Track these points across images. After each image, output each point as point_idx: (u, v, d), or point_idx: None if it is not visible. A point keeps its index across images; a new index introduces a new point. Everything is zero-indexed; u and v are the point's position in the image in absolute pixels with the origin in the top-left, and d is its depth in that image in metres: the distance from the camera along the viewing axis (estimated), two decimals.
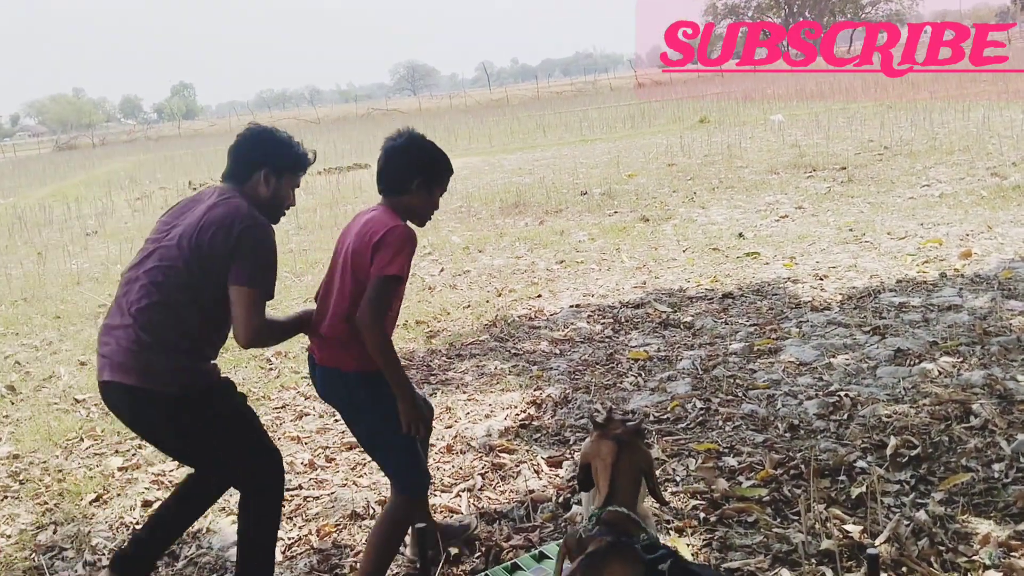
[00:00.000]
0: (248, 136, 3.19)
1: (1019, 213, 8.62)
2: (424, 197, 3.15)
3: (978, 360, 4.94)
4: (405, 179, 3.12)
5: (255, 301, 2.90)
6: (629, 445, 2.33)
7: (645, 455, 2.36)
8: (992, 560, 3.06)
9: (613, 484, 2.26)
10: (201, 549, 3.81)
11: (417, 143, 3.17)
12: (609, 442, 2.34)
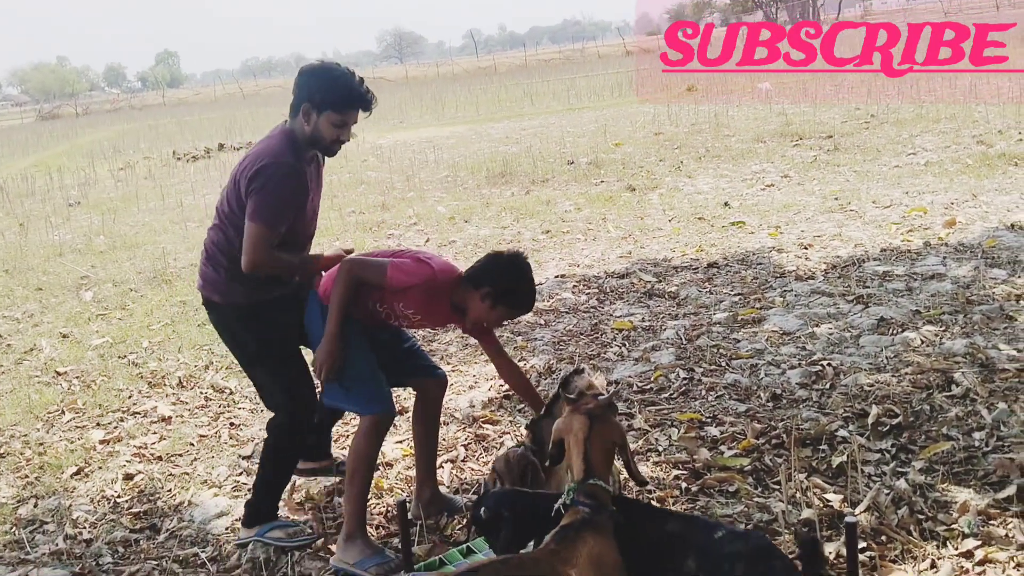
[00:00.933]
0: (301, 71, 3.31)
1: (1004, 181, 8.63)
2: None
3: (960, 329, 4.95)
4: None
5: (257, 235, 3.11)
6: (601, 419, 2.33)
7: (618, 429, 2.36)
8: (971, 529, 3.08)
9: (587, 459, 2.26)
10: (183, 522, 3.80)
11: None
12: (582, 417, 2.34)
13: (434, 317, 3.36)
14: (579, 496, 2.23)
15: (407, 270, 3.16)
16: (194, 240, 10.04)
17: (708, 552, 2.18)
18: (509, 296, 3.21)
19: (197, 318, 6.85)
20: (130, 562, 3.53)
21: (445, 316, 3.35)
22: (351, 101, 3.20)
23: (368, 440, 3.28)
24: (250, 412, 4.97)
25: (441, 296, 3.24)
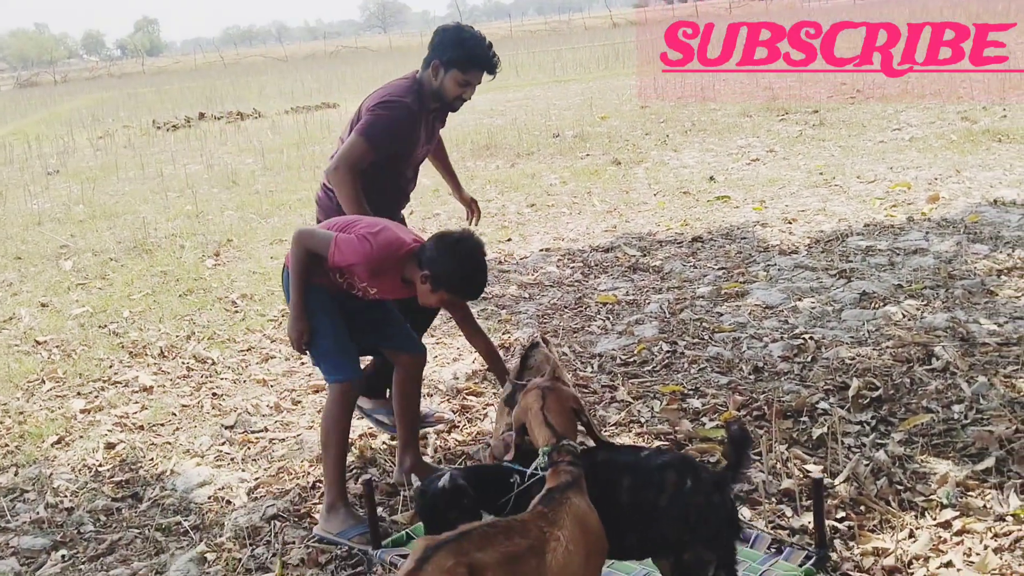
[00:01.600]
0: (436, 30, 3.61)
1: (987, 157, 8.67)
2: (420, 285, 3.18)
3: (942, 303, 4.98)
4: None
5: (352, 144, 3.45)
6: (551, 389, 2.39)
7: (569, 393, 2.42)
8: (949, 499, 3.11)
9: (551, 426, 2.31)
10: (165, 491, 3.80)
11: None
12: (532, 391, 2.39)
13: (388, 291, 3.26)
14: (561, 456, 2.26)
15: (347, 249, 3.08)
16: (175, 210, 9.97)
17: (639, 468, 2.39)
18: (448, 281, 3.10)
19: (178, 288, 6.81)
20: (112, 530, 3.52)
21: (399, 290, 3.25)
22: (476, 63, 3.55)
23: (338, 408, 3.28)
24: (232, 383, 4.95)
25: (388, 272, 3.15)
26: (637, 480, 2.36)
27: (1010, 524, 2.94)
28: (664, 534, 2.34)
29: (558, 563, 1.98)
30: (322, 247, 3.12)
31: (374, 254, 3.09)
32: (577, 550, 2.03)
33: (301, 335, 3.19)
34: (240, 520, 3.47)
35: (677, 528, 2.32)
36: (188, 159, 14.06)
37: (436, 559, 1.83)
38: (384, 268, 3.13)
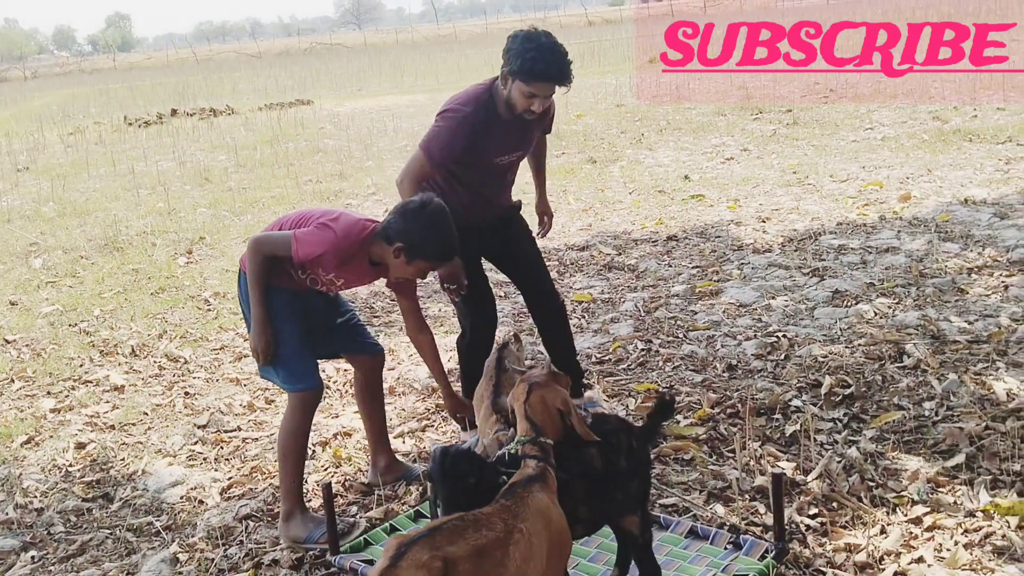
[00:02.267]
0: (511, 35, 3.45)
1: (958, 156, 8.76)
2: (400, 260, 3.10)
3: (913, 301, 5.03)
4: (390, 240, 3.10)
5: (414, 159, 3.50)
6: (541, 385, 2.40)
7: (559, 393, 2.43)
8: (920, 495, 3.14)
9: (530, 419, 2.34)
10: (137, 491, 3.76)
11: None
12: (523, 384, 2.42)
13: (356, 278, 3.24)
14: (529, 450, 2.29)
15: (310, 240, 3.02)
16: (146, 207, 9.87)
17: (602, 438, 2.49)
18: (422, 249, 3.05)
19: (150, 286, 6.74)
20: (83, 531, 3.48)
21: (367, 275, 3.24)
22: (539, 75, 3.37)
23: (296, 417, 3.23)
24: (205, 381, 4.91)
25: (355, 257, 3.09)
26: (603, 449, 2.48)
27: (980, 520, 2.97)
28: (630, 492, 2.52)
29: (521, 554, 2.01)
30: (282, 248, 3.03)
31: (339, 240, 3.03)
32: (540, 543, 2.07)
33: (268, 346, 3.10)
34: (212, 520, 3.44)
35: (641, 482, 2.56)
36: (160, 156, 13.93)
37: (411, 554, 1.84)
38: (351, 252, 3.07)
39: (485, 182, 3.70)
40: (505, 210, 3.89)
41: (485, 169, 3.64)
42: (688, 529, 3.05)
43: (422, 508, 3.32)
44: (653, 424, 2.65)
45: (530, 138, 3.76)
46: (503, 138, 3.59)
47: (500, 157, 3.63)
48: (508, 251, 3.96)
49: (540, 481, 2.20)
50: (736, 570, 2.80)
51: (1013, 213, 6.52)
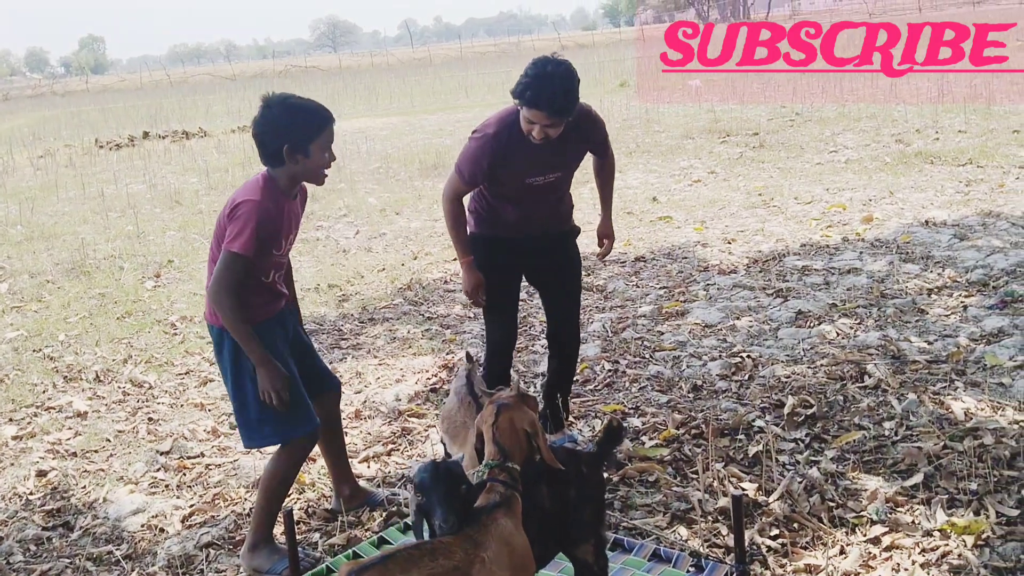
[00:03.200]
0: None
1: (920, 179, 8.90)
2: (303, 161, 3.04)
3: (874, 322, 5.10)
4: (274, 148, 3.02)
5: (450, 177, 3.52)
6: (510, 407, 2.39)
7: (527, 415, 2.42)
8: (879, 516, 3.18)
9: (497, 443, 2.33)
10: (97, 519, 3.72)
11: (275, 106, 3.04)
12: (491, 407, 2.41)
13: (290, 222, 3.13)
14: (496, 474, 2.28)
15: (238, 232, 2.94)
16: (115, 231, 9.81)
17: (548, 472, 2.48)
18: (303, 133, 3.00)
19: (116, 311, 6.69)
20: (42, 560, 3.44)
21: (297, 209, 3.16)
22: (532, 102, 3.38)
23: (291, 462, 3.21)
24: (169, 407, 4.87)
25: (278, 203, 3.03)
26: (551, 483, 2.48)
27: (937, 539, 3.01)
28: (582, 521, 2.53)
29: None
30: (231, 268, 2.96)
31: (257, 204, 2.96)
32: (501, 572, 2.04)
33: (283, 383, 3.02)
34: (173, 549, 3.41)
35: (594, 509, 2.57)
36: (131, 178, 13.85)
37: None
38: (272, 203, 2.99)
39: (524, 200, 3.72)
40: (556, 232, 3.90)
41: (521, 188, 3.67)
42: (651, 552, 3.06)
43: (385, 534, 3.31)
44: (603, 449, 2.67)
45: (568, 161, 3.74)
46: (533, 158, 3.60)
47: (533, 178, 3.65)
48: (549, 276, 3.98)
49: (505, 507, 2.20)
50: None
51: (972, 235, 6.63)
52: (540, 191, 3.71)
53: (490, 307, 3.91)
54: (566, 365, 4.06)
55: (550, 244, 3.88)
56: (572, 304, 4.04)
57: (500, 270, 3.84)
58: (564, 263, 3.95)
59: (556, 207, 3.85)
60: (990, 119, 11.92)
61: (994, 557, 2.87)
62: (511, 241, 3.80)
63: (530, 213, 3.76)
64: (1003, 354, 4.44)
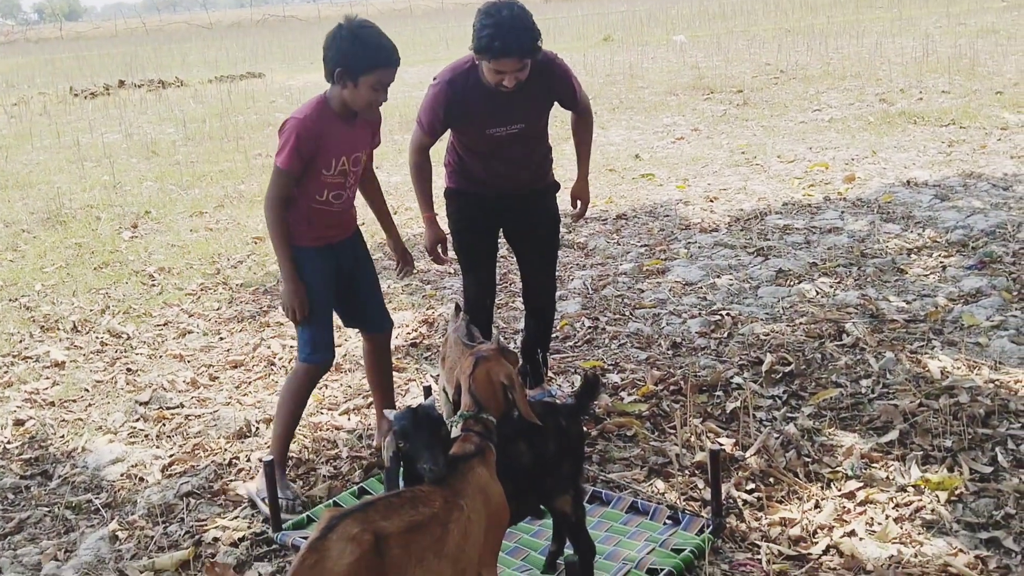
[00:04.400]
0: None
1: (903, 138, 8.91)
2: (351, 88, 3.08)
3: (854, 281, 5.13)
4: (330, 67, 3.10)
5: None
6: (487, 359, 2.39)
7: (504, 367, 2.42)
8: (854, 471, 3.22)
9: (472, 394, 2.34)
10: (76, 468, 3.71)
11: (346, 29, 3.08)
12: (470, 358, 2.41)
13: (348, 143, 3.20)
14: (471, 425, 2.29)
15: (281, 145, 3.11)
16: (91, 180, 9.68)
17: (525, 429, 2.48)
18: (358, 61, 3.03)
19: (93, 261, 6.62)
20: (20, 509, 3.43)
21: (351, 132, 3.20)
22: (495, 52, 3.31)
23: (301, 383, 3.33)
24: (148, 358, 4.85)
25: (326, 124, 3.12)
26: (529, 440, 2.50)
27: (911, 495, 3.05)
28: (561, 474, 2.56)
29: (460, 531, 2.01)
30: (275, 181, 3.13)
31: (301, 121, 3.08)
32: (479, 519, 2.07)
33: (303, 303, 3.17)
34: (153, 498, 3.41)
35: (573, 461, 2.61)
36: (106, 128, 13.65)
37: (341, 527, 1.84)
38: (317, 121, 3.09)
39: (492, 154, 3.67)
40: (530, 190, 3.82)
41: (483, 140, 3.62)
42: (628, 505, 3.09)
43: (366, 485, 3.33)
44: (581, 402, 2.70)
45: (530, 113, 3.64)
46: (491, 109, 3.53)
47: (493, 128, 3.57)
48: (524, 236, 3.92)
49: (479, 457, 2.21)
50: (674, 544, 2.85)
51: (953, 195, 6.66)
52: (504, 144, 3.64)
53: (465, 264, 3.90)
54: (542, 324, 4.04)
55: (525, 203, 3.82)
56: (546, 265, 3.99)
57: (474, 227, 3.81)
58: (539, 223, 3.89)
59: (526, 163, 3.76)
60: (974, 80, 11.92)
61: (967, 512, 2.92)
62: (485, 197, 3.76)
63: (499, 168, 3.70)
64: (980, 314, 4.48)
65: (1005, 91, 10.86)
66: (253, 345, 4.91)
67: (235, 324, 5.27)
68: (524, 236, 3.92)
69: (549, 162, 3.90)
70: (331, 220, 3.27)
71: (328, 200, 3.22)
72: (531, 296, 4.01)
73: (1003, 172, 7.21)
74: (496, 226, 3.89)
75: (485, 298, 3.92)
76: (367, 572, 1.80)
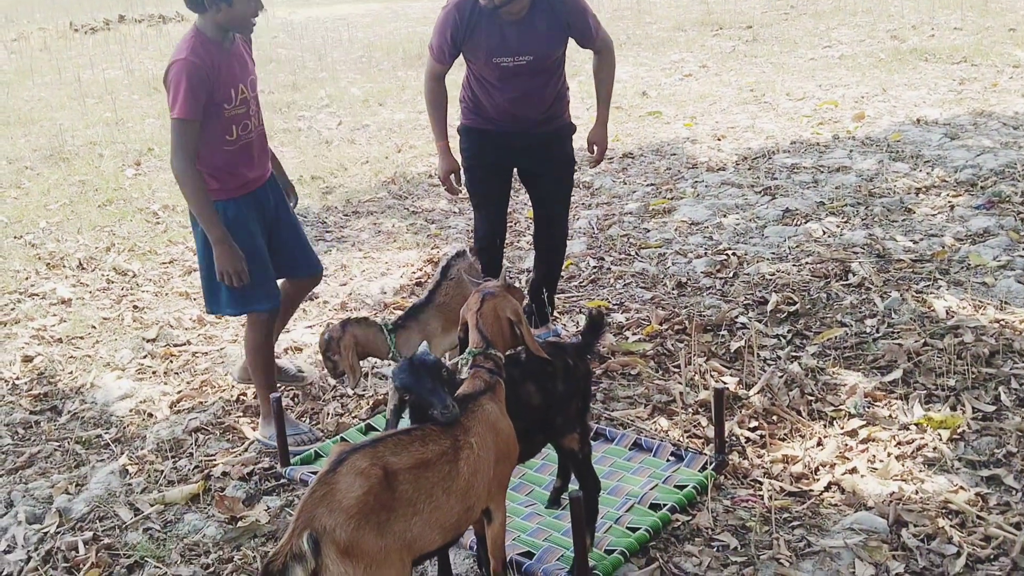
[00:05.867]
0: None
1: (913, 76, 8.78)
2: (225, 9, 2.91)
3: (861, 220, 5.10)
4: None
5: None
6: (494, 296, 2.39)
7: (511, 304, 2.43)
8: (857, 410, 3.24)
9: (481, 331, 2.33)
10: (85, 404, 3.75)
11: None
12: (476, 295, 2.41)
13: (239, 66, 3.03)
14: (480, 361, 2.30)
15: (176, 96, 2.88)
16: (93, 117, 9.60)
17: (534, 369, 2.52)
18: None
19: (97, 198, 6.60)
20: (31, 443, 3.48)
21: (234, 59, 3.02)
22: None
23: (260, 333, 3.25)
24: (154, 295, 4.86)
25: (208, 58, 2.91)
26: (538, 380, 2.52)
27: (913, 433, 3.08)
28: (569, 410, 2.57)
29: (469, 469, 2.03)
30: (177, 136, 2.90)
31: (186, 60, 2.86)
32: (487, 456, 2.09)
33: (241, 261, 3.02)
34: (162, 433, 3.45)
35: (581, 399, 2.61)
36: (107, 64, 13.48)
37: (351, 461, 1.86)
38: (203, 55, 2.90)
39: (500, 87, 3.62)
40: (544, 131, 3.76)
41: (490, 69, 3.58)
42: (632, 442, 3.12)
43: (373, 422, 3.36)
44: (587, 341, 2.71)
45: (539, 46, 3.56)
46: (499, 36, 3.51)
47: (500, 57, 3.54)
48: (537, 177, 3.88)
49: (490, 392, 2.22)
50: (677, 481, 2.88)
51: (963, 134, 6.58)
52: (513, 76, 3.59)
53: (476, 201, 3.89)
54: (551, 266, 4.03)
55: (539, 143, 3.77)
56: (559, 207, 3.96)
57: (486, 164, 3.79)
58: (553, 166, 3.85)
59: (537, 99, 3.69)
60: (987, 16, 11.70)
61: (968, 451, 2.95)
62: (498, 135, 3.73)
63: (506, 104, 3.65)
64: (987, 254, 4.46)
65: (1018, 28, 10.66)
66: None
67: None
68: (537, 178, 3.89)
69: (564, 102, 3.84)
70: (247, 160, 3.11)
71: (237, 136, 3.05)
72: (541, 238, 4.00)
73: (1014, 111, 7.11)
74: (509, 166, 3.87)
75: (495, 236, 3.91)
76: (376, 505, 1.83)
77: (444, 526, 1.98)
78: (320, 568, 1.74)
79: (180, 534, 2.84)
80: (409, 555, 1.91)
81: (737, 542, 2.60)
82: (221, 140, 3.02)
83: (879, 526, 2.61)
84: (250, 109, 3.09)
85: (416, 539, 1.91)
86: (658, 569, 2.51)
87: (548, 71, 3.68)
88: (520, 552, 2.57)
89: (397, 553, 1.86)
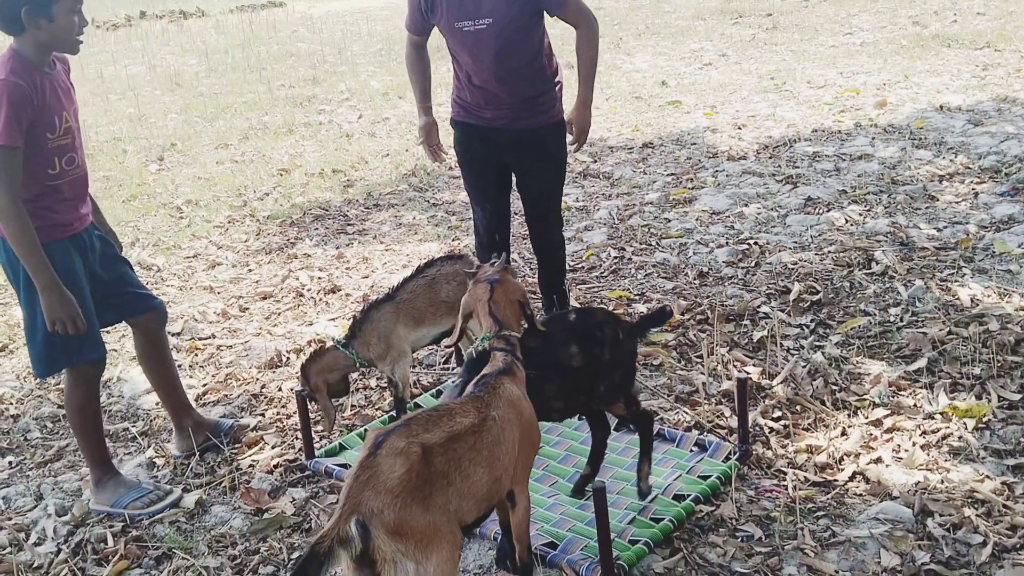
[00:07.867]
0: None
1: (936, 63, 8.70)
2: (47, 27, 2.63)
3: (884, 208, 5.06)
4: (11, 11, 2.59)
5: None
6: (500, 282, 2.43)
7: (517, 287, 2.49)
8: (881, 399, 3.22)
9: (494, 316, 2.38)
10: (112, 397, 3.79)
11: None
12: (482, 284, 2.43)
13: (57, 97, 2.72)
14: (496, 343, 2.35)
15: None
16: (116, 113, 9.68)
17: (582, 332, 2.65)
18: None
19: (121, 194, 6.66)
20: (59, 437, 3.52)
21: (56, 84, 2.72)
22: None
23: (83, 391, 2.94)
24: (179, 290, 4.90)
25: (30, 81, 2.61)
26: (583, 343, 2.61)
27: (938, 422, 3.06)
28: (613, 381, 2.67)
29: (492, 438, 2.09)
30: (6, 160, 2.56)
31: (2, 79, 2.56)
32: (511, 430, 2.15)
33: (75, 312, 2.69)
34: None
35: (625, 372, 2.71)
36: (129, 60, 13.58)
37: (389, 443, 1.91)
38: (22, 71, 2.61)
39: (472, 66, 3.49)
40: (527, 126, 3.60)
41: (456, 41, 3.47)
42: (655, 432, 3.12)
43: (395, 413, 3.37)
44: (643, 325, 2.82)
45: (495, 5, 3.35)
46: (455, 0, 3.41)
47: (461, 21, 3.40)
48: (522, 173, 3.75)
49: (509, 373, 2.27)
50: (701, 471, 2.89)
51: (987, 120, 6.52)
52: (476, 45, 3.42)
53: (470, 196, 3.89)
54: (548, 266, 3.92)
55: (524, 140, 3.63)
56: (544, 207, 3.80)
57: (477, 158, 3.73)
58: (539, 166, 3.70)
59: (510, 80, 3.50)
60: (1010, 1, 11.55)
61: (994, 440, 2.93)
62: (484, 129, 3.64)
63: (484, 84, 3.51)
64: (1012, 241, 4.42)
65: None
66: (281, 276, 4.95)
67: (263, 256, 5.31)
68: (522, 176, 3.77)
69: (551, 97, 3.65)
70: (72, 196, 2.81)
71: (61, 170, 2.74)
72: (532, 236, 3.92)
73: None
74: (500, 161, 3.73)
75: (493, 232, 3.83)
76: (418, 481, 1.89)
77: (477, 496, 2.04)
78: (372, 550, 1.78)
79: (207, 526, 2.87)
80: (456, 524, 1.97)
81: (761, 532, 2.60)
82: (43, 174, 2.71)
83: (904, 516, 2.60)
84: (75, 140, 2.80)
85: (457, 510, 1.98)
86: (682, 559, 2.52)
87: (516, 43, 3.45)
88: (544, 543, 2.58)
89: (447, 525, 1.92)
